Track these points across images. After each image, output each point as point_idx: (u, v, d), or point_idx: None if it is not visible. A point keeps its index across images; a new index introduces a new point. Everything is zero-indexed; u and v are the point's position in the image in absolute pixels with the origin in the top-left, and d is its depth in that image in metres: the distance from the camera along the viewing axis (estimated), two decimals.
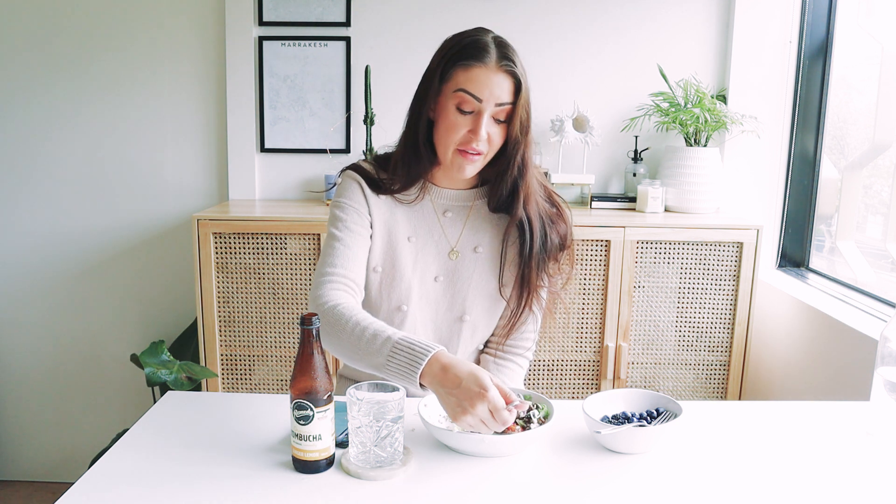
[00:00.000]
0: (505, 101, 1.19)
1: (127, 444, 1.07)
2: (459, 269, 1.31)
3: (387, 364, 1.05)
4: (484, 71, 1.17)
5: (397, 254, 1.30)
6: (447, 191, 1.33)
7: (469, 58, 1.17)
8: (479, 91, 1.17)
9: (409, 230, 1.31)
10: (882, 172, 2.02)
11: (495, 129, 1.21)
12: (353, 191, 1.30)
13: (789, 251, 2.34)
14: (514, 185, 1.26)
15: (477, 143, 1.20)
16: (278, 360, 2.11)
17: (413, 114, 1.27)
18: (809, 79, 2.24)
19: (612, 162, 2.41)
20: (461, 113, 1.20)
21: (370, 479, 0.97)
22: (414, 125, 1.26)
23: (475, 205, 1.34)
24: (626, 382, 2.10)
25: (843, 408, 1.24)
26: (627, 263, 2.03)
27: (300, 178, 2.43)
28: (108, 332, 2.52)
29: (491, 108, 1.18)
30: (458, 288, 1.32)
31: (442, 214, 1.32)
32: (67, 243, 2.47)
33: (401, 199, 1.31)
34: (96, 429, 2.54)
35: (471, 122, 1.20)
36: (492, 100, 1.18)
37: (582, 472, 1.01)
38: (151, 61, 2.36)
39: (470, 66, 1.17)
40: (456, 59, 1.18)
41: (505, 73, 1.18)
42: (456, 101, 1.19)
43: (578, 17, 2.32)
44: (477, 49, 1.18)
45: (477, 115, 1.19)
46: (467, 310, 1.32)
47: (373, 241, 1.29)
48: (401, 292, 1.30)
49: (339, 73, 2.35)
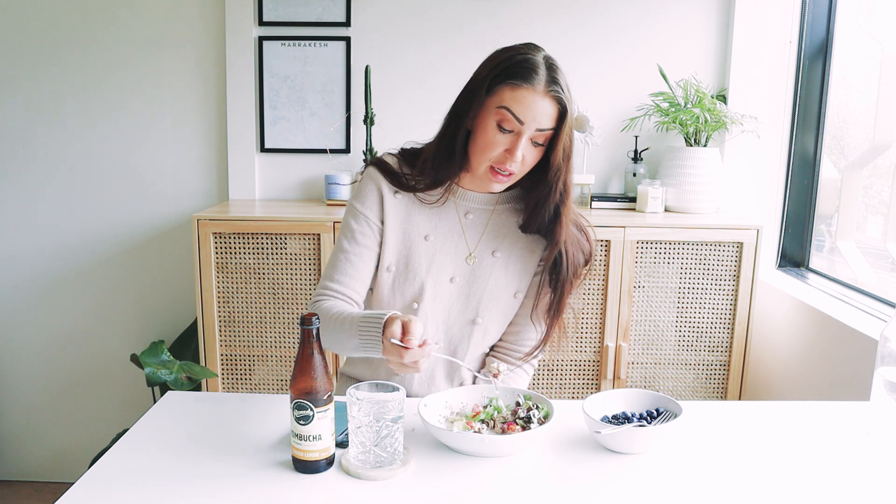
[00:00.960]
0: (546, 127, 1.17)
1: (127, 444, 1.07)
2: (476, 272, 1.31)
3: (361, 344, 1.13)
4: (531, 94, 1.15)
5: (412, 252, 1.30)
6: (471, 193, 1.32)
7: (518, 77, 1.15)
8: (523, 113, 1.16)
9: (427, 229, 1.31)
10: (882, 172, 2.02)
11: (531, 151, 1.20)
12: (369, 195, 1.30)
13: (789, 251, 2.34)
14: (556, 211, 1.25)
15: (511, 164, 1.19)
16: (278, 360, 2.11)
17: (452, 119, 1.25)
18: (809, 79, 2.24)
19: (612, 162, 2.41)
20: (501, 131, 1.18)
21: (370, 479, 0.97)
22: (452, 130, 1.24)
23: (497, 209, 1.33)
24: (626, 382, 2.10)
25: (843, 408, 1.24)
26: (627, 263, 2.03)
27: (300, 178, 2.43)
28: (108, 332, 2.52)
29: (531, 132, 1.17)
30: (472, 290, 1.31)
31: (464, 216, 1.32)
32: (68, 243, 2.47)
33: (423, 198, 1.30)
34: (96, 429, 2.54)
35: (509, 142, 1.18)
36: (534, 124, 1.16)
37: (582, 472, 1.01)
38: (151, 62, 2.36)
39: (517, 87, 1.15)
40: (505, 76, 1.16)
41: (552, 98, 1.16)
42: (498, 118, 1.17)
43: (578, 17, 2.32)
44: (527, 69, 1.16)
45: (516, 135, 1.18)
46: (480, 313, 1.32)
47: (386, 242, 1.29)
48: (413, 291, 1.30)
49: (339, 73, 2.35)
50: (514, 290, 1.33)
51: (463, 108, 1.22)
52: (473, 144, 1.22)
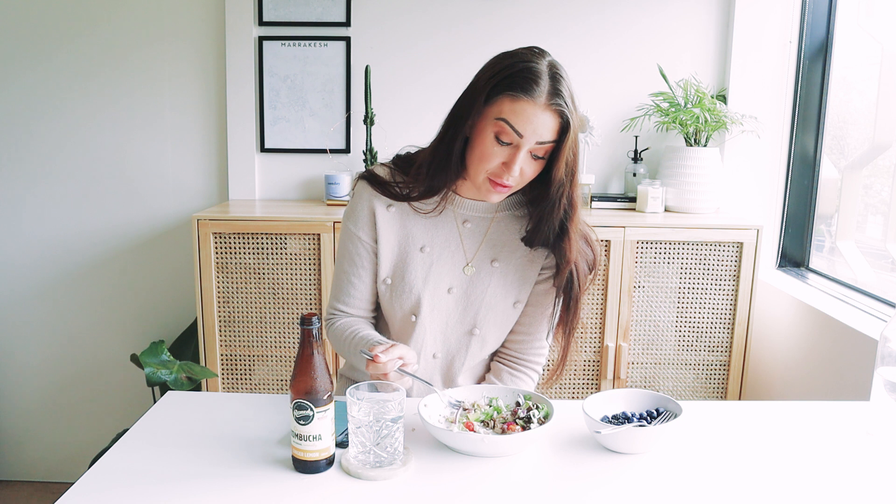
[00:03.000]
0: (546, 140, 1.13)
1: (127, 444, 1.07)
2: (475, 281, 1.29)
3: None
4: (531, 106, 1.10)
5: (408, 265, 1.28)
6: (469, 201, 1.29)
7: (518, 88, 1.10)
8: (522, 126, 1.11)
9: (423, 240, 1.28)
10: (882, 172, 2.02)
11: (531, 164, 1.16)
12: (360, 214, 1.28)
13: (789, 251, 2.34)
14: (562, 228, 1.21)
15: (508, 178, 1.15)
16: (278, 360, 2.11)
17: (450, 124, 1.20)
18: (809, 79, 2.24)
19: (612, 162, 2.41)
20: (499, 143, 1.13)
21: (370, 479, 0.97)
22: (450, 137, 1.19)
23: (497, 217, 1.30)
24: (626, 382, 2.10)
25: (843, 408, 1.24)
26: (627, 263, 2.03)
27: (300, 178, 2.43)
28: (108, 332, 2.52)
29: (530, 145, 1.13)
30: (471, 301, 1.29)
31: (462, 224, 1.29)
32: (68, 243, 2.47)
33: (419, 208, 1.27)
34: (96, 429, 2.54)
35: (507, 155, 1.14)
36: (533, 137, 1.12)
37: (582, 472, 1.01)
38: (151, 61, 2.36)
39: (517, 98, 1.10)
40: (505, 85, 1.11)
41: (553, 111, 1.11)
42: (496, 130, 1.13)
43: (578, 16, 2.32)
44: (529, 80, 1.10)
45: (514, 148, 1.13)
46: (478, 323, 1.30)
47: (380, 256, 1.28)
48: (411, 303, 1.28)
49: (339, 73, 2.35)
50: (514, 300, 1.31)
51: (461, 114, 1.17)
52: (471, 154, 1.18)
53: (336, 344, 1.33)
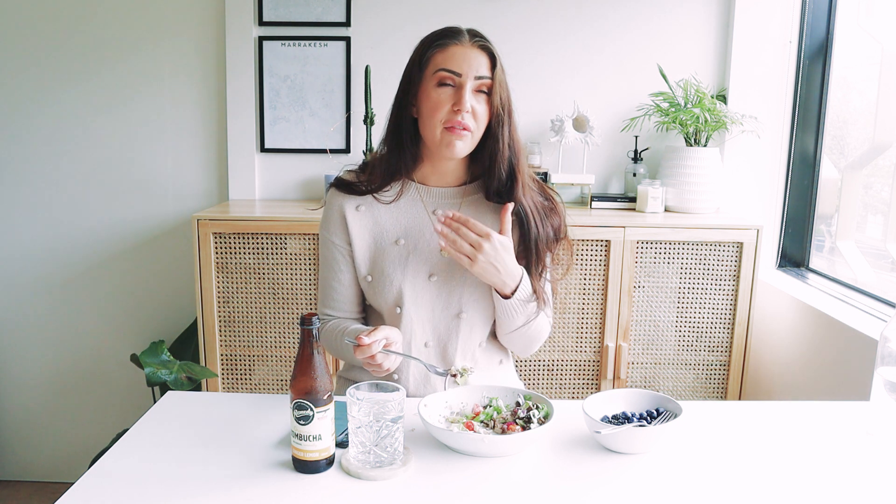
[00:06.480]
0: (484, 75, 1.23)
1: (127, 444, 1.07)
2: (454, 265, 1.31)
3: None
4: (460, 48, 1.23)
5: (385, 259, 1.32)
6: (436, 189, 1.34)
7: (444, 38, 1.24)
8: (458, 66, 1.22)
9: (397, 233, 1.32)
10: (882, 172, 2.02)
11: (480, 105, 1.24)
12: (331, 219, 1.36)
13: (789, 251, 2.34)
14: (510, 170, 1.28)
15: (462, 117, 1.22)
16: (278, 360, 2.11)
17: (396, 110, 1.30)
18: (809, 79, 2.25)
19: (612, 162, 2.41)
20: (443, 87, 1.23)
21: (370, 479, 0.97)
22: (397, 121, 1.29)
23: (465, 201, 1.34)
24: (626, 382, 2.10)
25: (843, 408, 1.24)
26: (627, 263, 2.03)
27: (300, 178, 2.43)
28: (108, 332, 2.52)
29: (472, 82, 1.22)
30: (453, 285, 1.31)
31: (432, 213, 1.33)
32: (68, 243, 2.47)
33: (380, 198, 1.33)
34: (96, 429, 2.54)
35: (453, 97, 1.23)
36: (471, 73, 1.22)
37: (582, 472, 1.01)
38: (152, 61, 2.36)
39: (446, 46, 1.24)
40: (432, 46, 1.25)
41: (479, 48, 1.24)
42: (437, 80, 1.23)
43: (578, 17, 2.32)
44: (451, 31, 1.25)
45: (458, 89, 1.23)
46: (464, 307, 1.31)
47: (356, 256, 1.33)
48: (393, 295, 1.31)
49: (339, 73, 2.35)
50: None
51: (404, 94, 1.28)
52: (422, 119, 1.26)
53: (328, 345, 1.36)
